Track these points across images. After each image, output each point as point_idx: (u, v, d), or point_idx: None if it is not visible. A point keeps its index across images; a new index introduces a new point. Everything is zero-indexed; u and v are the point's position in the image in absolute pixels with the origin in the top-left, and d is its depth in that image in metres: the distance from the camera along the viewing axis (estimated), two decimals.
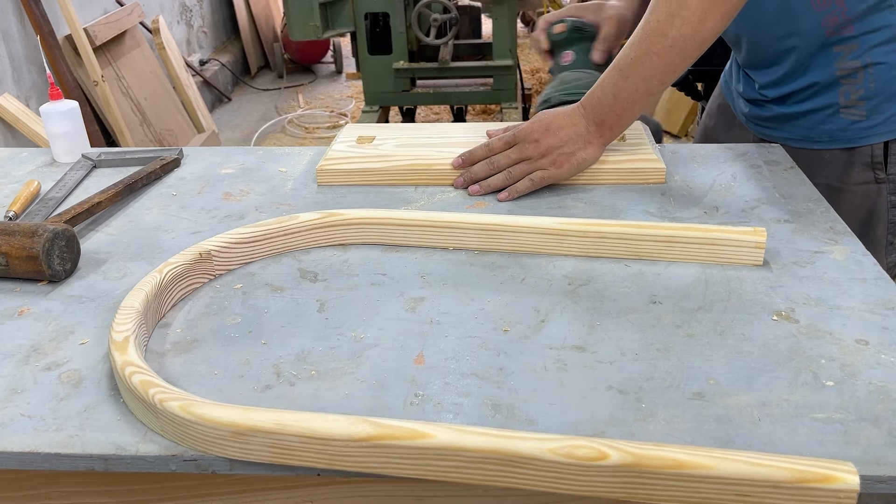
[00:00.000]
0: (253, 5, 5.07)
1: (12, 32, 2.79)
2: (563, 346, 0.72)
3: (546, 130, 1.01)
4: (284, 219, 0.91)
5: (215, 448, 0.60)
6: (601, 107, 1.00)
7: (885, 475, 0.57)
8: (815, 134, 1.11)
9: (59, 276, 0.86)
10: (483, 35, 3.74)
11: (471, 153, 1.05)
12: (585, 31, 1.18)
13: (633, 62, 0.96)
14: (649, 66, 0.95)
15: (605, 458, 0.55)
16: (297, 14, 2.95)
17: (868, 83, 1.05)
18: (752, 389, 0.66)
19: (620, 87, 0.97)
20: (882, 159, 1.08)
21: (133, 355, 0.67)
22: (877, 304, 0.77)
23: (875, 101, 1.06)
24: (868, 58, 1.04)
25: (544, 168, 1.01)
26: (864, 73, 1.05)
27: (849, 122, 1.08)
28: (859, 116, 1.07)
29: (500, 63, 3.18)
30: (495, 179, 1.02)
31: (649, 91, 0.97)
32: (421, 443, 0.57)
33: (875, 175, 1.09)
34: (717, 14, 0.91)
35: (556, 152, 1.01)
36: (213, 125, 3.94)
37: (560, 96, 1.14)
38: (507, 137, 1.04)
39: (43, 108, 1.18)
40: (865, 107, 1.06)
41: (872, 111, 1.06)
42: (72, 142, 1.20)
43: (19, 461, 0.62)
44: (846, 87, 1.06)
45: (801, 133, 1.12)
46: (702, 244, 0.84)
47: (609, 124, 1.00)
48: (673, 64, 0.94)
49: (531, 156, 1.01)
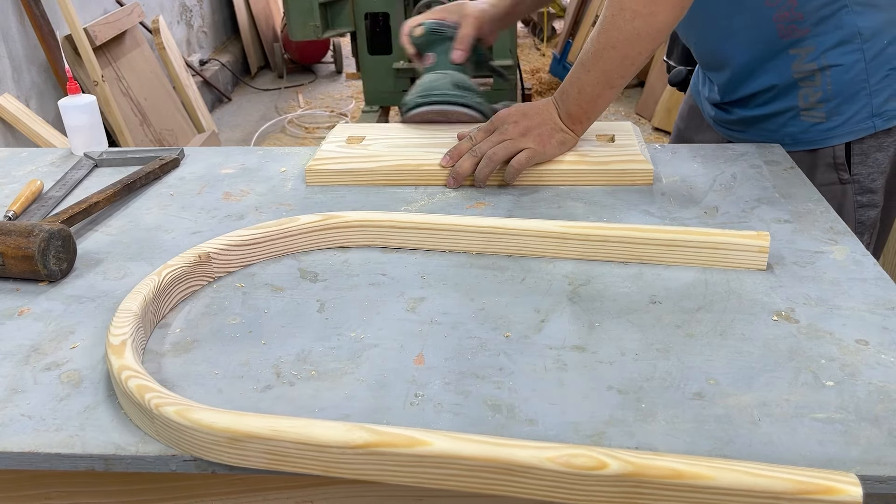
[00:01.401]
0: (253, 5, 5.07)
1: (12, 32, 2.79)
2: (563, 346, 0.72)
3: (523, 115, 1.05)
4: (284, 221, 0.91)
5: (211, 454, 0.60)
6: (568, 99, 1.03)
7: (885, 475, 0.57)
8: (779, 137, 1.13)
9: (56, 276, 0.86)
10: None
11: (456, 148, 1.07)
12: (445, 33, 1.18)
13: (593, 56, 0.99)
14: (608, 59, 0.97)
15: (604, 467, 0.55)
16: (297, 14, 2.95)
17: (826, 85, 1.06)
18: (752, 389, 0.66)
19: (584, 81, 1.00)
20: (844, 160, 1.09)
21: (130, 359, 0.67)
22: (877, 304, 0.77)
23: (834, 103, 1.06)
24: (824, 60, 1.05)
25: (528, 147, 1.02)
26: (821, 76, 1.06)
27: (809, 125, 1.09)
28: (819, 119, 1.08)
29: (500, 63, 3.18)
30: (480, 171, 1.03)
31: (610, 84, 1.00)
32: (418, 450, 0.57)
33: (839, 176, 1.10)
34: (667, 5, 0.93)
35: (535, 131, 1.03)
36: (213, 125, 3.94)
37: (416, 99, 1.15)
38: (486, 126, 1.06)
39: (61, 101, 1.22)
40: (825, 108, 1.07)
41: (832, 113, 1.07)
42: (89, 135, 1.23)
43: (19, 461, 0.62)
44: (805, 90, 1.07)
45: (765, 136, 1.14)
46: (705, 248, 0.84)
47: (577, 116, 1.03)
48: (630, 57, 0.97)
49: (512, 136, 1.03)
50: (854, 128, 1.07)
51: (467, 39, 1.18)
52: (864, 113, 1.06)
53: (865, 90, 1.05)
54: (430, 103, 1.14)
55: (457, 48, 1.18)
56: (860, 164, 1.09)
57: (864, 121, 1.06)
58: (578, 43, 4.34)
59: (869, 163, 1.08)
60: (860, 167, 1.09)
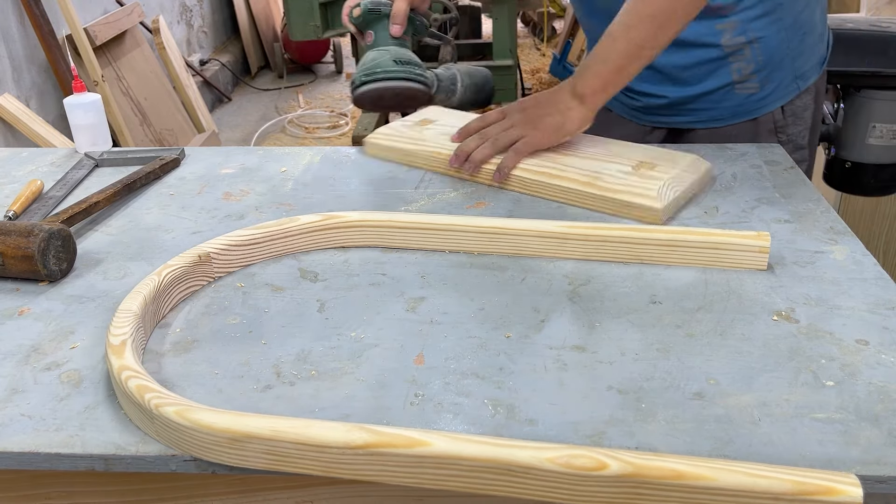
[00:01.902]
0: (253, 5, 5.07)
1: (12, 32, 2.79)
2: (563, 346, 0.72)
3: (534, 99, 1.07)
4: (284, 221, 0.91)
5: (211, 454, 0.60)
6: (587, 72, 1.02)
7: (885, 475, 0.57)
8: (717, 113, 1.15)
9: (55, 276, 0.86)
10: (483, 35, 3.74)
11: (466, 126, 1.09)
12: (381, 10, 1.19)
13: (624, 27, 0.97)
14: (642, 29, 0.96)
15: (605, 468, 0.55)
16: (297, 14, 2.95)
17: (756, 57, 1.10)
18: (752, 389, 0.66)
19: (609, 51, 0.99)
20: (783, 123, 1.15)
21: (130, 360, 0.67)
22: (877, 304, 0.77)
23: (765, 73, 1.12)
24: (751, 33, 1.09)
25: (525, 136, 1.03)
26: (750, 49, 1.10)
27: (745, 97, 1.13)
28: (753, 89, 1.12)
29: (500, 63, 3.18)
30: (479, 153, 1.04)
31: (638, 55, 0.98)
32: (418, 451, 0.57)
33: (778, 139, 1.17)
34: None
35: (536, 121, 1.04)
36: (213, 125, 3.94)
37: (361, 77, 1.16)
38: (502, 109, 1.09)
39: (67, 100, 1.22)
40: (757, 79, 1.12)
41: (764, 81, 1.12)
42: (94, 133, 1.23)
43: (19, 461, 0.62)
44: (737, 64, 1.11)
45: (703, 115, 1.17)
46: (705, 248, 0.84)
47: (594, 87, 1.01)
48: (666, 27, 0.96)
49: (517, 122, 1.05)
50: (783, 92, 1.14)
51: (401, 14, 1.19)
52: (789, 77, 1.13)
53: (789, 56, 1.11)
54: (374, 80, 1.15)
55: (394, 23, 1.20)
56: (791, 124, 1.16)
57: (790, 84, 1.13)
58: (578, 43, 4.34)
59: (797, 122, 1.16)
60: (792, 127, 1.16)
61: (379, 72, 1.13)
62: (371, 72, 1.14)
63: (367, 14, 1.19)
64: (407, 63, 1.17)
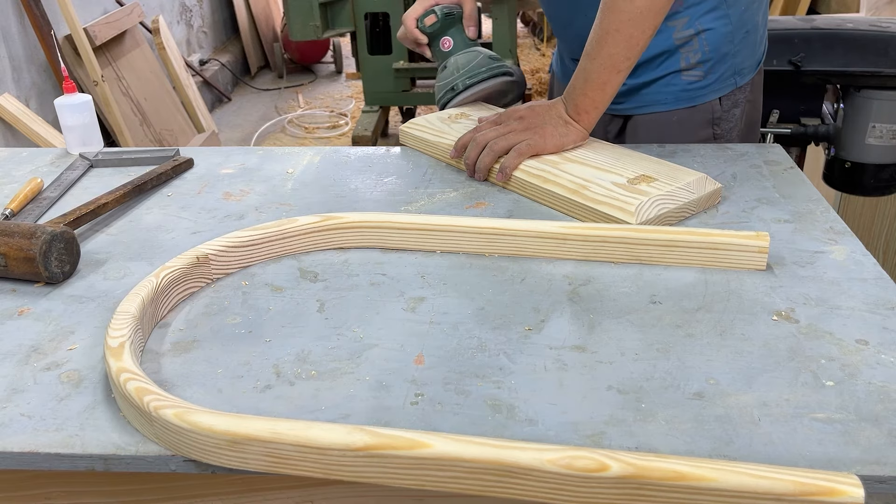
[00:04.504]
0: (253, 5, 5.07)
1: (12, 32, 2.79)
2: (563, 346, 0.72)
3: (530, 109, 1.08)
4: (283, 222, 0.90)
5: (211, 456, 0.60)
6: (575, 91, 1.04)
7: (885, 475, 0.57)
8: (661, 97, 1.17)
9: (57, 279, 0.85)
10: (483, 35, 3.74)
11: (461, 139, 1.10)
12: (455, 14, 1.23)
13: (597, 43, 1.00)
14: (612, 43, 0.99)
15: (606, 469, 0.54)
16: (297, 14, 2.95)
17: (703, 47, 1.14)
18: (752, 389, 0.66)
19: (590, 70, 1.02)
20: (720, 116, 1.18)
21: (128, 362, 0.67)
22: (877, 304, 0.77)
23: (711, 63, 1.15)
24: (700, 25, 1.13)
25: (528, 140, 1.04)
26: (698, 39, 1.13)
27: (688, 83, 1.16)
28: (698, 77, 1.16)
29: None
30: (482, 160, 1.05)
31: (617, 68, 1.00)
32: (418, 453, 0.57)
33: (713, 131, 1.19)
34: None
35: (538, 127, 1.05)
36: (213, 125, 3.94)
37: (465, 80, 1.20)
38: (493, 117, 1.10)
39: (57, 101, 1.22)
40: (703, 68, 1.15)
41: (709, 71, 1.15)
42: (85, 134, 1.23)
43: (19, 461, 0.62)
44: (686, 53, 1.14)
45: (647, 99, 1.18)
46: (704, 248, 0.84)
47: (584, 106, 1.04)
48: (635, 37, 0.98)
49: (515, 129, 1.06)
50: (721, 84, 1.16)
51: (475, 15, 1.23)
52: (729, 71, 1.16)
53: (731, 51, 1.15)
54: (481, 80, 1.20)
55: (470, 25, 1.24)
56: (724, 119, 1.19)
57: (728, 78, 1.16)
58: None
59: (728, 118, 1.19)
60: (724, 123, 1.19)
61: (484, 71, 1.18)
62: (475, 73, 1.19)
63: (444, 20, 1.22)
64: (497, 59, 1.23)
